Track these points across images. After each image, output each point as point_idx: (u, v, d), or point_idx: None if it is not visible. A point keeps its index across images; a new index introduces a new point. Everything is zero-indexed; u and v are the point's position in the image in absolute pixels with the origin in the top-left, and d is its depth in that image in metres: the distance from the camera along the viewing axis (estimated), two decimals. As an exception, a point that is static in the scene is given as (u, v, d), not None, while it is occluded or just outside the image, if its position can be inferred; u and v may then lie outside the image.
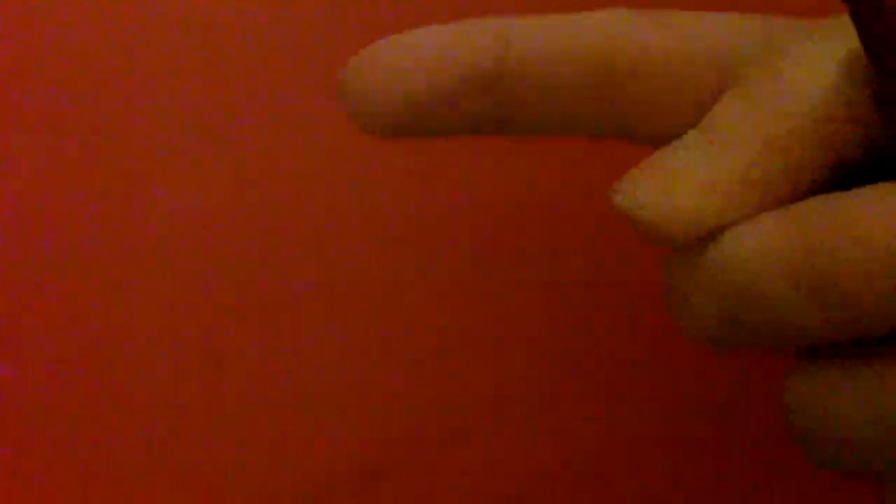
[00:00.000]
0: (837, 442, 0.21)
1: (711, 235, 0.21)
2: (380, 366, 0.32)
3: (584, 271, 0.32)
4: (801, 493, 0.31)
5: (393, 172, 0.32)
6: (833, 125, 0.21)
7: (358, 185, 0.33)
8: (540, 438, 0.31)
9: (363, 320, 0.32)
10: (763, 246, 0.21)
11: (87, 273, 0.33)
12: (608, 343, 0.31)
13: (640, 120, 0.23)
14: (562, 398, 0.31)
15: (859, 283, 0.20)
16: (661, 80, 0.22)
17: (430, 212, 0.32)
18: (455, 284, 0.32)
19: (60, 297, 0.32)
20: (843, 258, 0.20)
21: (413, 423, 0.31)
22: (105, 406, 0.32)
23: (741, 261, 0.21)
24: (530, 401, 0.31)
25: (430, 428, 0.31)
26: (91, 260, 0.33)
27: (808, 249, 0.20)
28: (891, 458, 0.21)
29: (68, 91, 0.33)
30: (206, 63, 0.33)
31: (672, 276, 0.22)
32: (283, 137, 0.33)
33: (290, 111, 0.33)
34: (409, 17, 0.33)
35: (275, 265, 0.32)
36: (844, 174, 0.21)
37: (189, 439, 0.32)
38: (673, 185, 0.21)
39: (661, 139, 0.23)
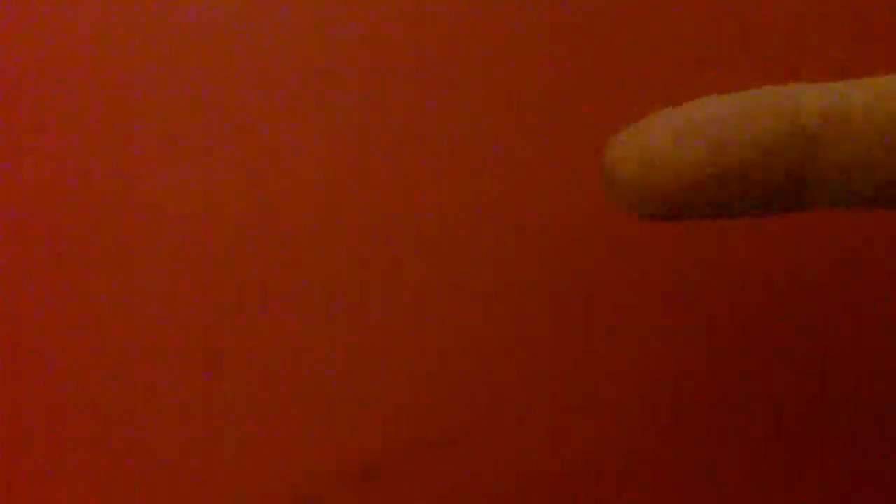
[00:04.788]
0: None
1: None
2: (378, 366, 0.32)
3: (583, 271, 0.32)
4: (800, 492, 0.31)
5: (391, 173, 0.33)
6: None
7: (356, 185, 0.33)
8: (538, 438, 0.31)
9: (362, 320, 0.32)
10: None
11: (86, 273, 0.32)
12: (608, 343, 0.32)
13: None
14: (561, 398, 0.31)
15: None
16: None
17: (429, 212, 0.32)
18: (453, 285, 0.32)
19: (60, 297, 0.32)
20: None
21: (411, 423, 0.32)
22: (105, 406, 0.32)
23: None
24: (529, 401, 0.31)
25: (427, 428, 0.32)
26: (91, 260, 0.33)
27: None
28: None
29: (69, 90, 0.33)
30: (206, 63, 0.33)
31: None
32: (284, 137, 0.33)
33: (290, 111, 0.33)
34: (409, 17, 0.33)
35: (275, 265, 0.32)
36: None
37: (189, 439, 0.32)
38: None
39: None
